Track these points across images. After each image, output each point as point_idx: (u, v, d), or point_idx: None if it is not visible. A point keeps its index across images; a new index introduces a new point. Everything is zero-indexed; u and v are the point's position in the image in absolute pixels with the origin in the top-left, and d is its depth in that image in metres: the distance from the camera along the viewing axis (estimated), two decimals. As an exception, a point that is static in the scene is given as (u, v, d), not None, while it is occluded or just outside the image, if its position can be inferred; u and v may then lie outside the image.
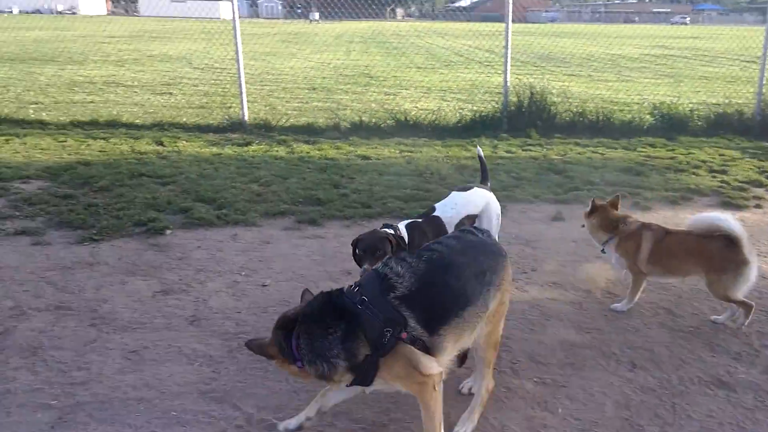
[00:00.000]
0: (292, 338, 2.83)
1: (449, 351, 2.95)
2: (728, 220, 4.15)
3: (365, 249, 3.99)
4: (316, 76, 19.81)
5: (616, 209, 4.74)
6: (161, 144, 9.70)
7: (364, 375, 2.78)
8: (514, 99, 11.49)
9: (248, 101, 11.37)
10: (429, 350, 2.83)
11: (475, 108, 12.74)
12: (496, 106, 11.93)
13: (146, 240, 5.81)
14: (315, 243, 5.93)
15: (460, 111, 12.90)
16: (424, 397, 2.86)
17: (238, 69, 11.06)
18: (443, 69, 22.83)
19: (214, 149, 9.52)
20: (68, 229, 6.00)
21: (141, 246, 5.67)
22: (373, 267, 3.26)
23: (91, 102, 14.01)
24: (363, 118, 11.57)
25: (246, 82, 11.24)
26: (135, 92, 16.05)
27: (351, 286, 2.92)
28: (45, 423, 3.26)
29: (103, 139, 9.87)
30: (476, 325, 3.06)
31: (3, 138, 9.55)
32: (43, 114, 11.57)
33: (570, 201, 7.25)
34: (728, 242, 4.13)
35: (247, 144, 9.98)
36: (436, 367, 2.85)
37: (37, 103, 13.35)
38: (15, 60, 21.97)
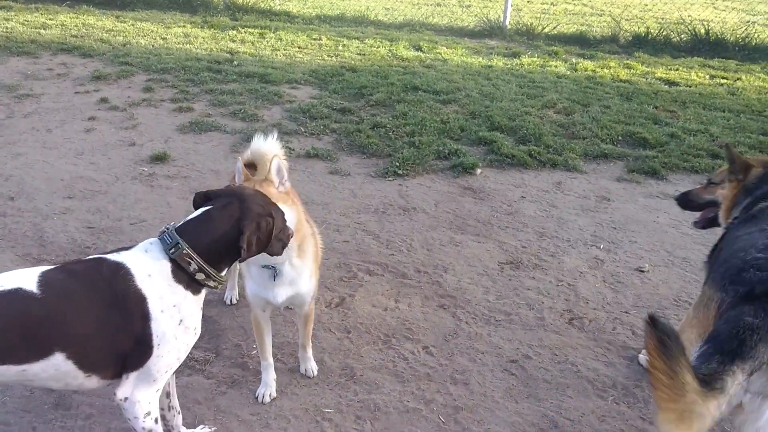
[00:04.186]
0: None
1: None
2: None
3: None
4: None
5: None
6: (420, 49, 8.57)
7: None
8: None
9: None
10: None
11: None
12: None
13: (455, 180, 4.77)
14: (674, 207, 4.49)
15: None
16: None
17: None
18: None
19: (480, 59, 8.21)
20: (362, 155, 5.14)
21: (452, 188, 4.65)
22: None
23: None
24: (650, 30, 9.46)
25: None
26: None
27: None
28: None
29: (357, 38, 8.95)
30: None
31: (257, 31, 8.99)
32: (289, 5, 10.92)
33: None
34: None
35: (515, 55, 8.52)
36: None
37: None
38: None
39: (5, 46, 7.48)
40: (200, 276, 1.94)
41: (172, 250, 1.90)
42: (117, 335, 1.84)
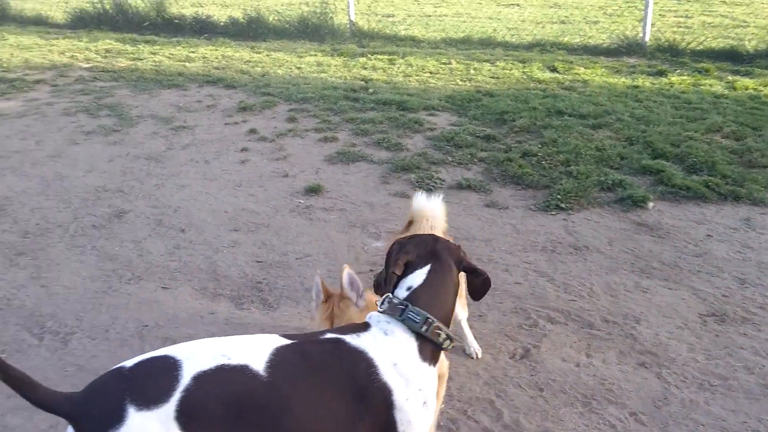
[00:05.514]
0: None
1: None
2: None
3: None
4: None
5: None
6: (555, 70, 8.21)
7: None
8: None
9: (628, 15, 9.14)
10: None
11: None
12: None
13: (626, 215, 4.39)
14: None
15: None
16: None
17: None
18: None
19: (623, 79, 7.72)
20: (516, 186, 4.88)
21: (624, 224, 4.27)
22: None
23: (445, 15, 13.16)
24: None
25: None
26: (479, 3, 14.84)
27: None
28: None
29: (487, 61, 8.73)
30: None
31: (386, 58, 8.99)
32: (414, 30, 10.89)
33: None
34: None
35: (661, 73, 7.95)
36: None
37: (392, 16, 12.90)
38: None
39: (156, 79, 7.91)
40: (447, 343, 1.79)
41: (424, 327, 1.73)
42: (354, 428, 1.66)
